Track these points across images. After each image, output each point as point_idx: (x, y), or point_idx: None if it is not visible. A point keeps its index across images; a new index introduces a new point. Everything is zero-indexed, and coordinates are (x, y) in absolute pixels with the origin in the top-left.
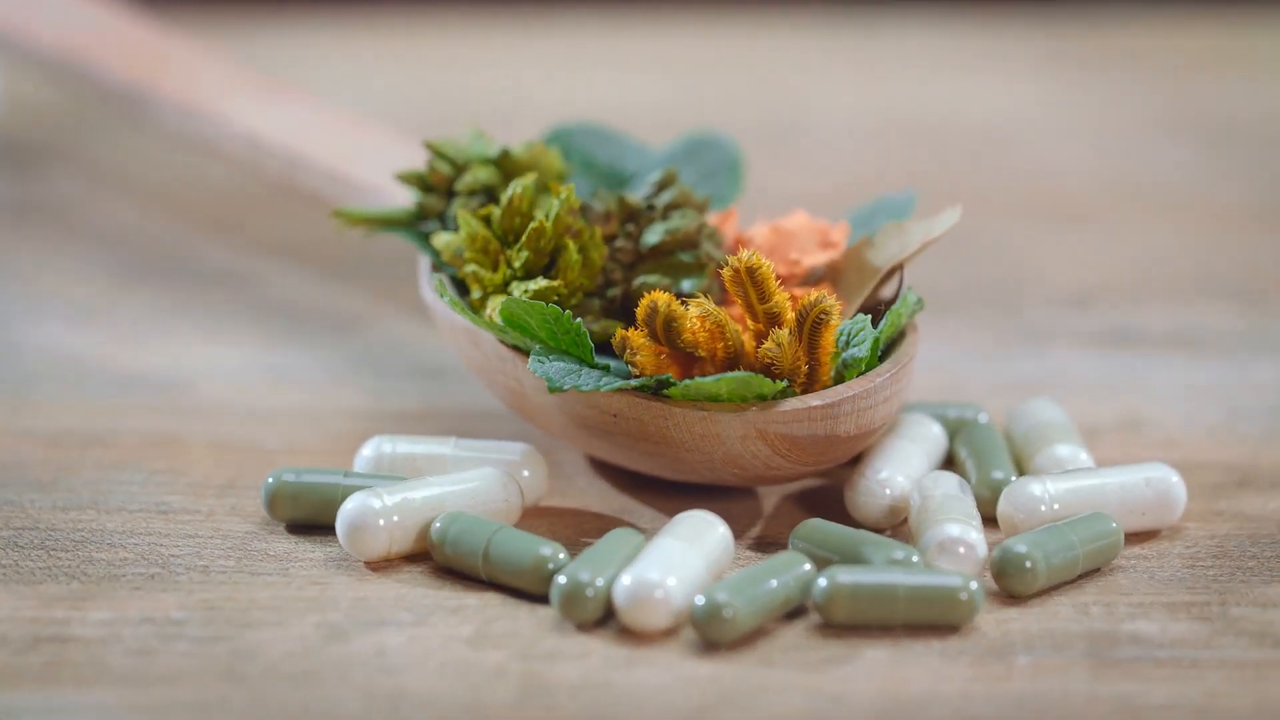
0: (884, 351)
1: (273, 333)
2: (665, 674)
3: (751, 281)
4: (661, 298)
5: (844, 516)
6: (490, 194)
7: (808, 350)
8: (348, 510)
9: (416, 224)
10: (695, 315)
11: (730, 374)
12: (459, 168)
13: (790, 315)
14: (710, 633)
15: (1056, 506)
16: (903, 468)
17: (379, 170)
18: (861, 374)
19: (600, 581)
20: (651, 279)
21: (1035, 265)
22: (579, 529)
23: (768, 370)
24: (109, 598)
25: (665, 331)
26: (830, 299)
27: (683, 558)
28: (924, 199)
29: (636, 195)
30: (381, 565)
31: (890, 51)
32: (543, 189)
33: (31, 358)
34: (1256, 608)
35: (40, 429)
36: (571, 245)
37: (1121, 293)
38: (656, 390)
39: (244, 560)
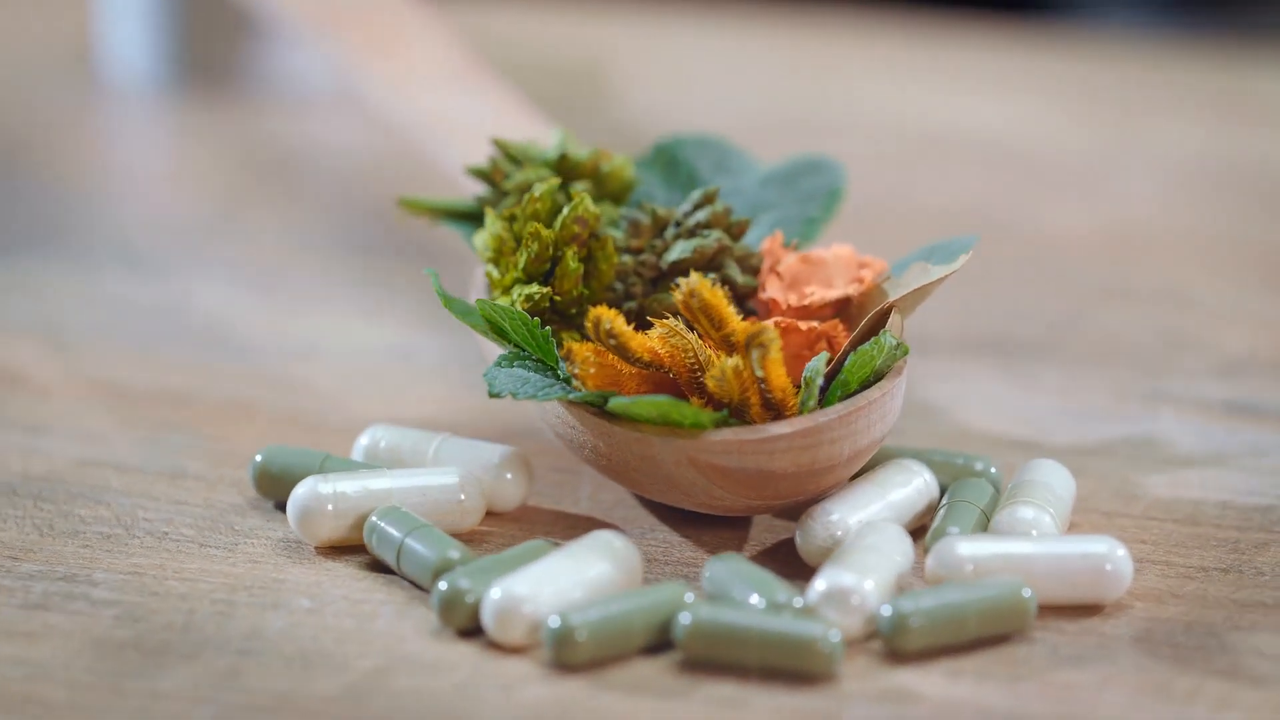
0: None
1: (420, 319)
2: (499, 690)
3: (701, 309)
4: (607, 314)
5: None
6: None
7: (757, 381)
8: (297, 494)
9: (477, 218)
10: (657, 335)
11: (662, 397)
12: (519, 166)
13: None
14: (560, 654)
15: (972, 568)
16: (859, 511)
17: None
18: (810, 412)
19: (479, 590)
20: (665, 296)
21: (1177, 322)
22: (565, 536)
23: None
24: (51, 552)
25: (615, 347)
26: (771, 330)
27: (564, 574)
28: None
29: (677, 211)
30: (332, 552)
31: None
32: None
33: (173, 314)
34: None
35: (133, 383)
36: (569, 254)
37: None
38: (601, 406)
39: (205, 532)
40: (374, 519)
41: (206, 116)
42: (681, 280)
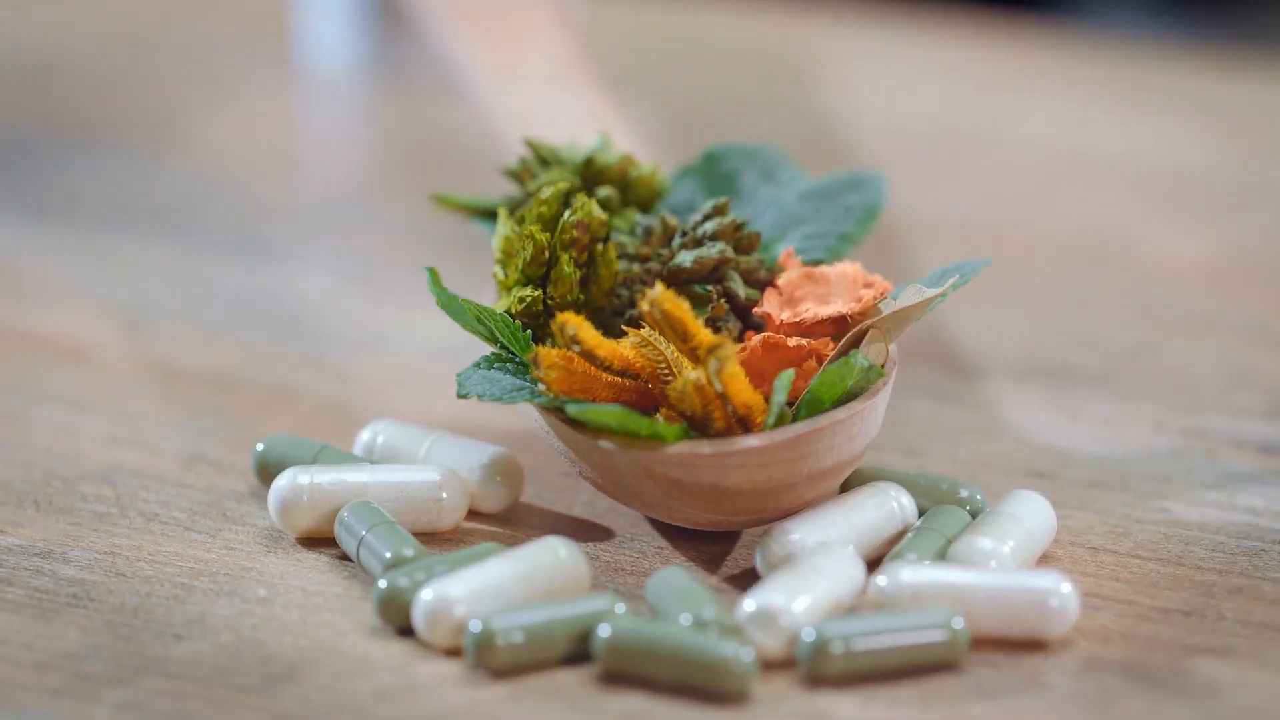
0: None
1: None
2: (411, 692)
3: (663, 319)
4: (571, 319)
5: None
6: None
7: (719, 395)
8: (277, 485)
9: None
10: (630, 344)
11: (615, 406)
12: (548, 167)
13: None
14: (481, 659)
15: (912, 595)
16: (821, 532)
17: None
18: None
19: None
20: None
21: (1246, 360)
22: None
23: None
24: (39, 527)
25: (581, 354)
26: (728, 345)
27: (502, 579)
28: None
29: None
30: (312, 544)
31: None
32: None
33: (261, 299)
34: None
35: (189, 365)
36: (564, 259)
37: None
38: (561, 411)
39: (196, 517)
40: (342, 512)
41: (384, 103)
42: (647, 290)
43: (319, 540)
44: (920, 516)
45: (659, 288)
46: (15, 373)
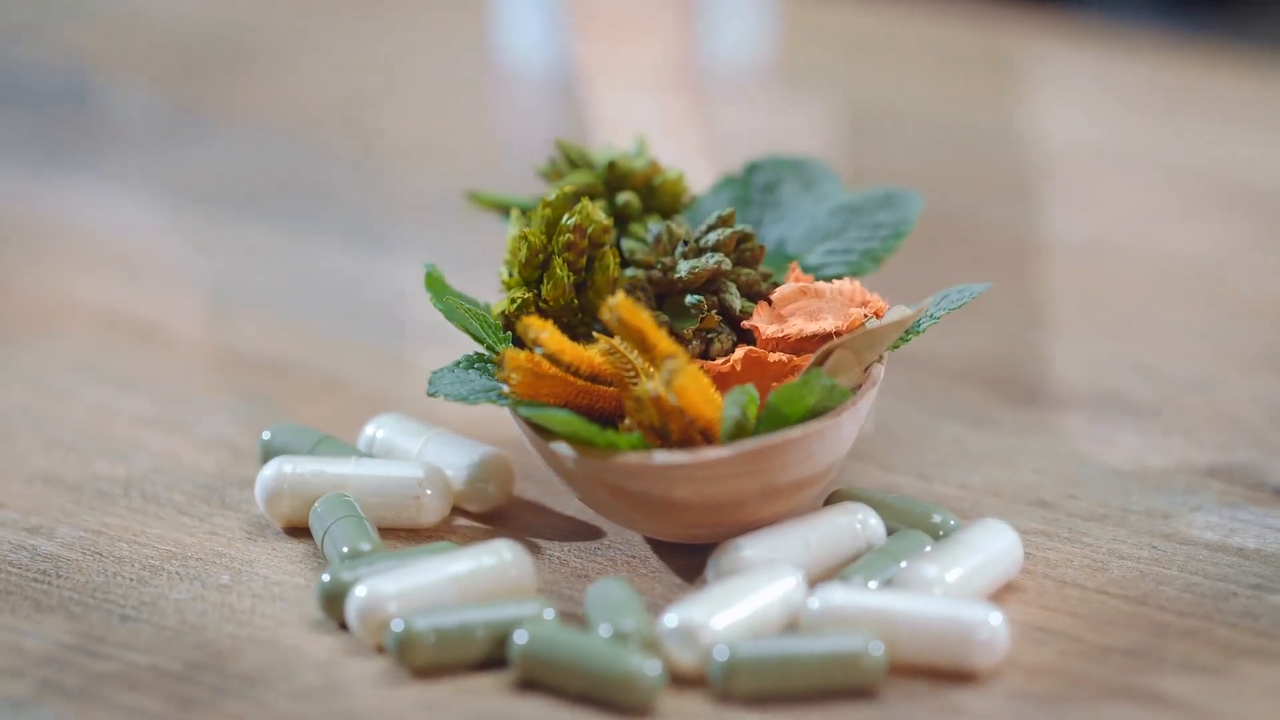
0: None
1: None
2: (325, 688)
3: (619, 327)
4: (536, 323)
5: None
6: (587, 198)
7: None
8: (262, 474)
9: None
10: (598, 351)
11: (569, 413)
12: (576, 168)
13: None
14: (401, 657)
15: (839, 618)
16: (774, 549)
17: None
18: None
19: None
20: (662, 315)
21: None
22: (542, 539)
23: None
24: (37, 502)
25: (546, 357)
26: (681, 357)
27: (441, 579)
28: None
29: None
30: (298, 533)
31: None
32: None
33: (356, 289)
34: None
35: (255, 351)
36: (558, 262)
37: None
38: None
39: (194, 501)
40: (316, 504)
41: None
42: (609, 297)
43: (304, 531)
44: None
45: (618, 296)
46: (80, 349)
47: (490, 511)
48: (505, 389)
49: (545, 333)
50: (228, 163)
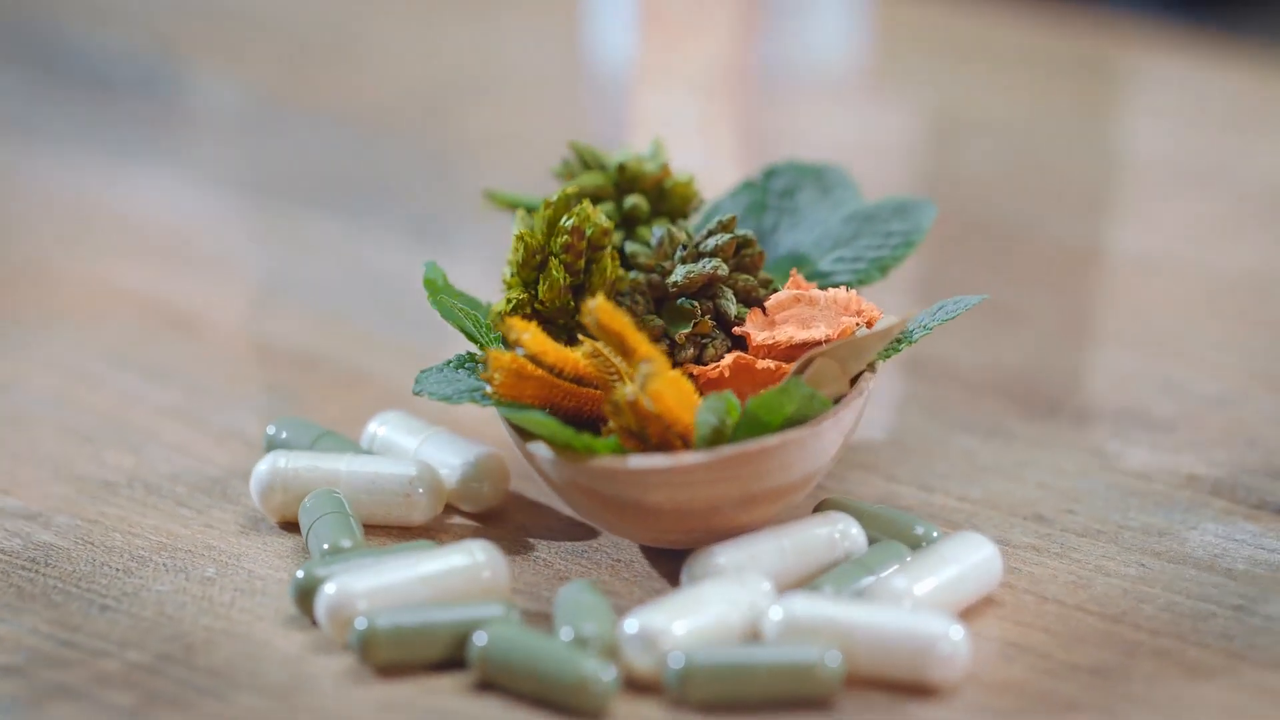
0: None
1: None
2: (287, 684)
3: (599, 330)
4: (519, 324)
5: None
6: (595, 200)
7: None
8: (257, 468)
9: None
10: (585, 352)
11: (543, 415)
12: (589, 169)
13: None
14: (362, 655)
15: (800, 627)
16: (749, 557)
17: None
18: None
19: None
20: (655, 319)
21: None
22: (535, 539)
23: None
24: (42, 491)
25: (528, 358)
26: (655, 362)
27: (412, 578)
28: None
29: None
30: (294, 529)
31: None
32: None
33: (401, 284)
34: None
35: (288, 344)
36: (554, 263)
37: None
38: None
39: (196, 493)
40: (306, 499)
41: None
42: (589, 299)
43: (298, 526)
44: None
45: (598, 298)
46: (118, 337)
47: (485, 511)
48: (488, 389)
49: (527, 334)
50: (302, 156)
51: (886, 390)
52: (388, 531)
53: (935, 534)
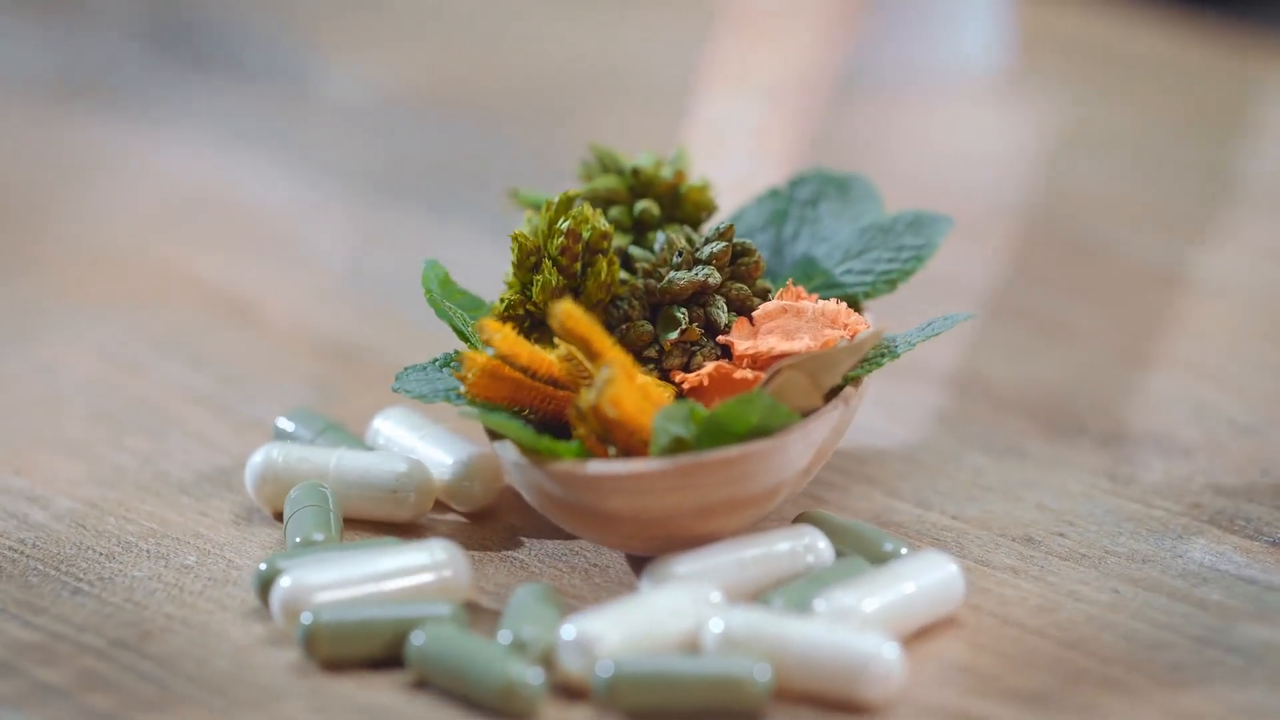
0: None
1: None
2: (227, 677)
3: (568, 336)
4: (491, 325)
5: None
6: (608, 203)
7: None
8: (252, 459)
9: None
10: (560, 355)
11: (505, 417)
12: (606, 173)
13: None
14: (306, 649)
15: (724, 640)
16: (708, 568)
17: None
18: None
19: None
20: (646, 325)
21: None
22: (526, 539)
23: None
24: (54, 473)
25: (498, 358)
26: (613, 367)
27: (368, 574)
28: None
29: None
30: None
31: None
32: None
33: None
34: None
35: (336, 336)
36: (546, 266)
37: None
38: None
39: (200, 481)
40: (291, 491)
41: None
42: (556, 303)
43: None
44: None
45: (564, 302)
46: (171, 324)
47: (476, 511)
48: (461, 389)
49: (498, 335)
50: (410, 148)
51: (911, 403)
52: (377, 527)
53: (904, 551)
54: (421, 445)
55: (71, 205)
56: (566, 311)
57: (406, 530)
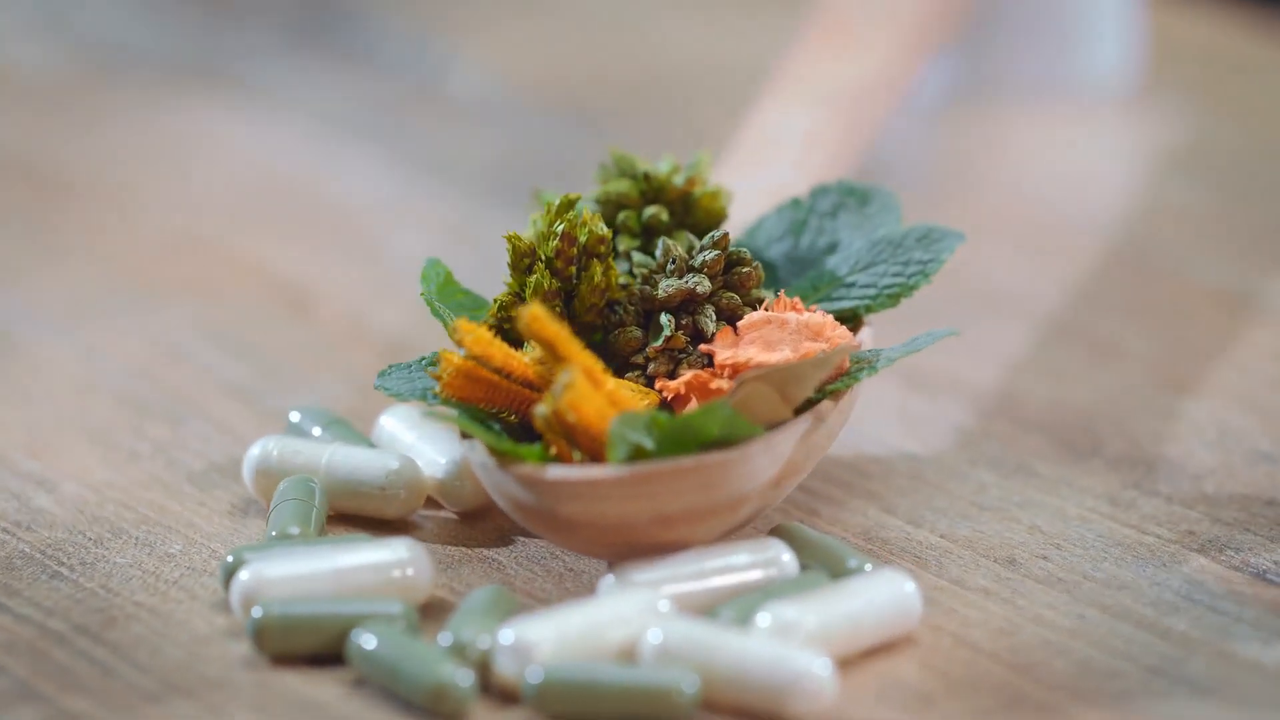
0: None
1: None
2: (178, 668)
3: (535, 340)
4: (465, 325)
5: None
6: (619, 207)
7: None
8: (249, 452)
9: None
10: (534, 358)
11: (469, 418)
12: (621, 176)
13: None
14: (256, 643)
15: (662, 651)
16: (665, 577)
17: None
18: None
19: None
20: (634, 331)
21: None
22: (519, 537)
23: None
24: (67, 458)
25: (472, 358)
26: (569, 372)
27: (329, 569)
28: None
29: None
30: None
31: None
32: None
33: None
34: None
35: (388, 330)
36: (540, 269)
37: None
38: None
39: (209, 471)
40: (281, 484)
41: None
42: (522, 307)
43: None
44: None
45: (532, 305)
46: (224, 313)
47: (467, 510)
48: (436, 388)
49: (470, 335)
50: (523, 147)
51: (932, 417)
52: (368, 524)
53: (868, 567)
54: (418, 443)
55: (161, 191)
56: (532, 314)
57: (395, 528)
